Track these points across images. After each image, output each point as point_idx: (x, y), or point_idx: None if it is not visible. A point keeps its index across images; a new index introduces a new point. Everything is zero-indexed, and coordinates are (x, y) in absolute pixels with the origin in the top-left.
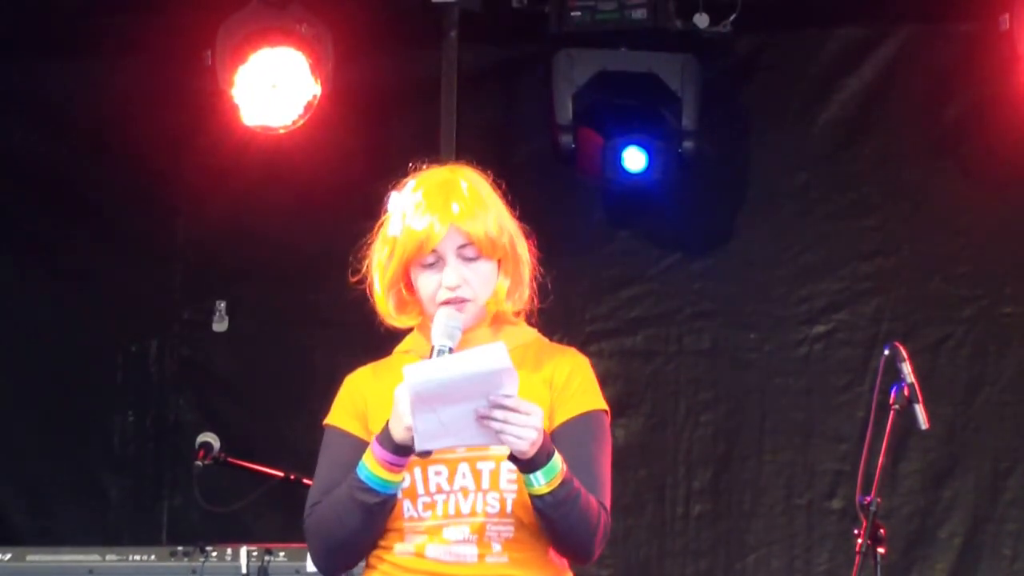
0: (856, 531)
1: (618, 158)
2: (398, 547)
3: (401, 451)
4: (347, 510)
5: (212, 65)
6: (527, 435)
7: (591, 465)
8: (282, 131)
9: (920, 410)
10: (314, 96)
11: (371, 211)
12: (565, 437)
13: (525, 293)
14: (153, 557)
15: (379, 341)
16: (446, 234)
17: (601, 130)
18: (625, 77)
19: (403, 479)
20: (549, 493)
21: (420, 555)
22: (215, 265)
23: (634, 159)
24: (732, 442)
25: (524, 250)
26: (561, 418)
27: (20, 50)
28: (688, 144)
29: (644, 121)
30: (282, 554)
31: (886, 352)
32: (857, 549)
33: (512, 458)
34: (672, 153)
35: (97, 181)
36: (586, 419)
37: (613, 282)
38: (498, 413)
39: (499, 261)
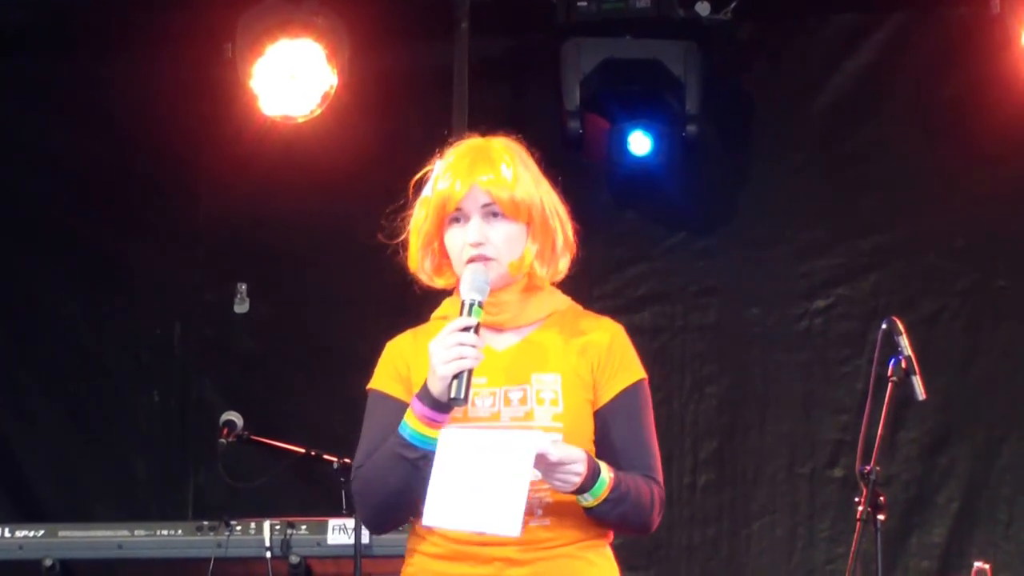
0: (856, 499)
1: (624, 142)
2: None
3: (439, 407)
4: (390, 467)
5: (232, 57)
6: (571, 480)
7: (642, 438)
8: (300, 120)
9: (917, 381)
10: (331, 86)
11: (386, 195)
12: (613, 414)
13: (560, 263)
14: (180, 531)
15: (394, 322)
16: (468, 191)
17: (607, 115)
18: (630, 64)
19: None
20: (600, 503)
21: None
22: (236, 249)
23: (639, 143)
24: (736, 414)
25: (557, 221)
26: (607, 396)
27: (48, 45)
28: (691, 128)
29: (649, 106)
30: (304, 527)
31: (884, 325)
32: (858, 516)
33: None
34: (676, 137)
35: (122, 169)
36: (630, 393)
37: (620, 261)
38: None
39: (528, 226)
